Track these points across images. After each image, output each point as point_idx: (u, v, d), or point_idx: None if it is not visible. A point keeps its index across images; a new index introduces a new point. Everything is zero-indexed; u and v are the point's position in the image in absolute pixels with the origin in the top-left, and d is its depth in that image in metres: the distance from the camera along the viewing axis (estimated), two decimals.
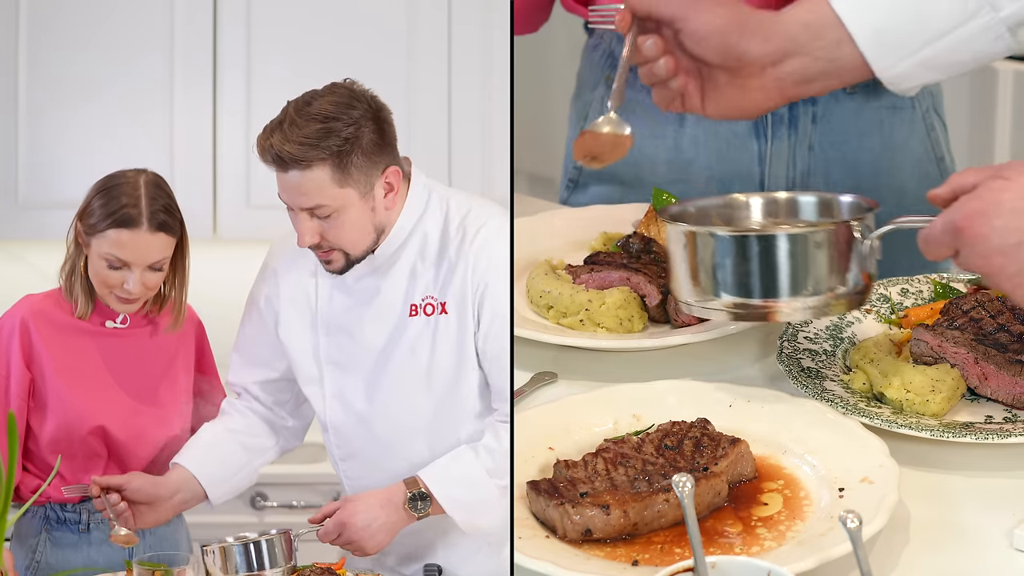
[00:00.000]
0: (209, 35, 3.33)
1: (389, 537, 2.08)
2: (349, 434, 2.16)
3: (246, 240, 3.29)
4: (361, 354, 2.13)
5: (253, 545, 2.00)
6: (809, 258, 1.86)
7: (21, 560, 2.19)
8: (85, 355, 2.21)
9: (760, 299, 1.88)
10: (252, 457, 2.26)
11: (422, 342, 2.10)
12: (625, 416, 1.91)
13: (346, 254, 2.08)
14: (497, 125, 3.36)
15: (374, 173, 2.05)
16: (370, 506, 2.07)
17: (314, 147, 2.01)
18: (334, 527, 2.07)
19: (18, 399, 2.17)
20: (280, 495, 3.26)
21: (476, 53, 3.36)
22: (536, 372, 2.08)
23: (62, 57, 3.28)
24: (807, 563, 1.58)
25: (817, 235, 1.86)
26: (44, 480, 2.15)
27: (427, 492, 2.06)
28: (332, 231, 2.06)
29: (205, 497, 2.20)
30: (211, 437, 2.23)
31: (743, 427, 1.86)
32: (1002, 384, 1.92)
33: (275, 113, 2.06)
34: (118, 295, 2.17)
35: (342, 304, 2.14)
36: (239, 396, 2.27)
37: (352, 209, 2.05)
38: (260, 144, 2.04)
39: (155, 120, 3.31)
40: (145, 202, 2.14)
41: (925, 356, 1.97)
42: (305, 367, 2.18)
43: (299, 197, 2.04)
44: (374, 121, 2.04)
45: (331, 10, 3.33)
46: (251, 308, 2.24)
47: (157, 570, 1.93)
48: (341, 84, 2.07)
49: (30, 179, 3.30)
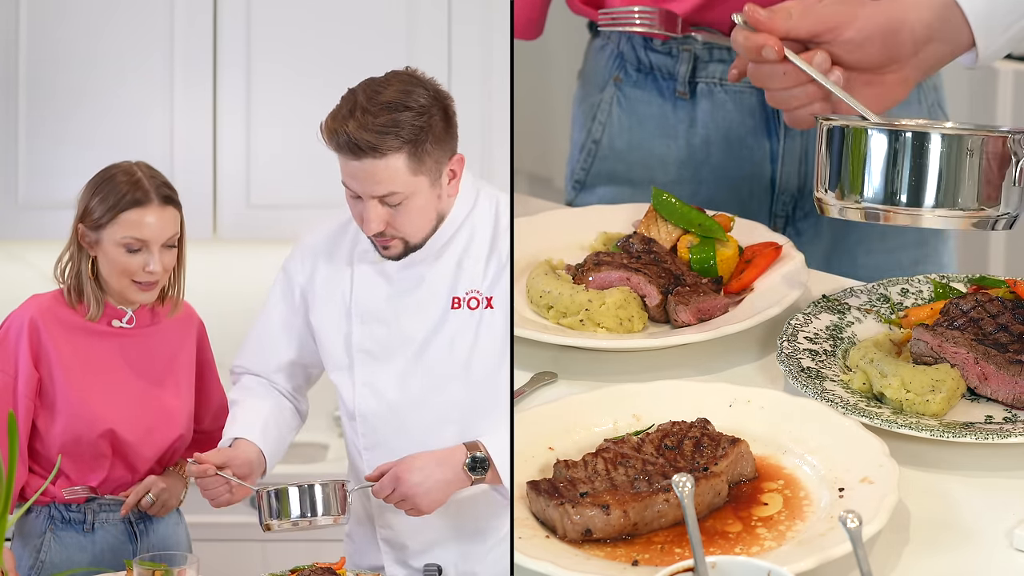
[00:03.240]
0: (209, 35, 3.33)
1: (444, 496, 2.06)
2: (377, 423, 2.15)
3: (246, 240, 3.30)
4: (397, 344, 2.12)
5: (308, 488, 2.00)
6: (960, 165, 1.84)
7: (25, 560, 2.19)
8: (93, 355, 2.21)
9: (905, 206, 1.86)
10: (289, 432, 2.26)
11: (463, 335, 2.10)
12: (625, 416, 1.91)
13: (406, 242, 2.08)
14: (497, 125, 3.36)
15: (443, 160, 2.07)
16: (426, 463, 2.05)
17: (390, 135, 2.00)
18: (389, 481, 2.05)
19: (25, 399, 2.17)
20: None
21: (476, 53, 3.36)
22: (536, 372, 2.08)
23: (62, 57, 3.29)
24: (807, 563, 1.58)
25: (972, 140, 1.84)
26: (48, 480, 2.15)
27: (487, 457, 2.05)
28: (399, 218, 2.06)
29: (264, 472, 2.19)
30: (266, 411, 2.22)
31: (743, 427, 1.86)
32: (1002, 384, 1.92)
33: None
34: (139, 281, 2.17)
35: (382, 292, 2.13)
36: (251, 378, 2.27)
37: (421, 196, 2.05)
38: (330, 128, 2.02)
39: (155, 120, 3.32)
40: (147, 182, 2.17)
41: (925, 356, 1.97)
42: (335, 354, 2.17)
43: (373, 185, 2.03)
44: (441, 108, 2.06)
45: (331, 10, 3.33)
46: (282, 295, 2.22)
47: (157, 570, 1.93)
48: (404, 72, 2.07)
49: (30, 179, 3.30)
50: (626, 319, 2.13)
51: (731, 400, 1.91)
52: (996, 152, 1.84)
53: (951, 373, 1.92)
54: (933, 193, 1.84)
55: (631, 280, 2.17)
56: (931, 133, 1.84)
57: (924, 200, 1.85)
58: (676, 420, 1.85)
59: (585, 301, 2.14)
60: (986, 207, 1.85)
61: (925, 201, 1.85)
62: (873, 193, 1.86)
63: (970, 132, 1.87)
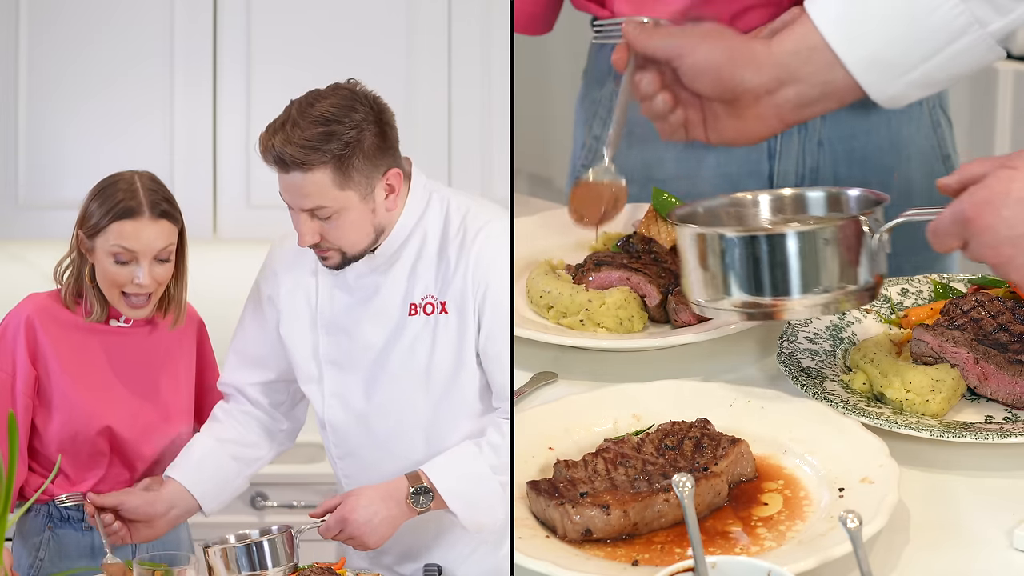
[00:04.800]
0: (209, 35, 3.33)
1: (391, 531, 2.08)
2: (347, 433, 2.16)
3: (246, 240, 3.29)
4: (360, 353, 2.13)
5: (255, 546, 2.00)
6: (819, 255, 1.85)
7: (24, 559, 2.19)
8: (90, 354, 2.21)
9: (771, 298, 1.87)
10: (243, 467, 2.26)
11: (421, 341, 2.10)
12: (625, 416, 1.91)
13: (343, 253, 2.08)
14: (497, 125, 3.36)
15: (375, 175, 2.05)
16: (371, 500, 2.07)
17: (316, 150, 2.01)
18: (335, 523, 2.07)
19: (24, 397, 2.17)
20: (280, 495, 3.27)
21: (476, 53, 3.36)
22: (536, 372, 2.08)
23: (62, 57, 3.29)
24: (807, 563, 1.58)
25: (826, 232, 1.85)
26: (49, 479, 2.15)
27: (429, 487, 2.06)
28: (332, 232, 2.06)
29: (199, 509, 2.21)
30: (204, 450, 2.23)
31: (743, 427, 1.86)
32: (1002, 384, 1.92)
33: (275, 113, 2.06)
34: (129, 295, 2.17)
35: (342, 303, 2.14)
36: (232, 399, 2.27)
37: (352, 211, 2.05)
38: (262, 143, 2.04)
39: (155, 120, 3.32)
40: (143, 193, 2.16)
41: (925, 356, 1.97)
42: (305, 366, 2.18)
43: (300, 198, 2.04)
44: (376, 124, 2.04)
45: (332, 11, 3.33)
46: (252, 308, 2.24)
47: (157, 570, 1.93)
48: (344, 85, 2.06)
49: (30, 179, 3.30)
50: (626, 319, 2.13)
51: (731, 400, 1.91)
52: (852, 233, 1.85)
53: (951, 373, 1.92)
54: (798, 283, 1.86)
55: (631, 280, 2.17)
56: (787, 233, 1.85)
57: (791, 291, 1.86)
58: (676, 420, 1.85)
59: (585, 301, 2.14)
60: (850, 284, 1.86)
61: (792, 292, 1.86)
62: (738, 292, 1.88)
63: (821, 224, 1.88)
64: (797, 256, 1.85)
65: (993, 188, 1.74)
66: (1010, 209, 1.72)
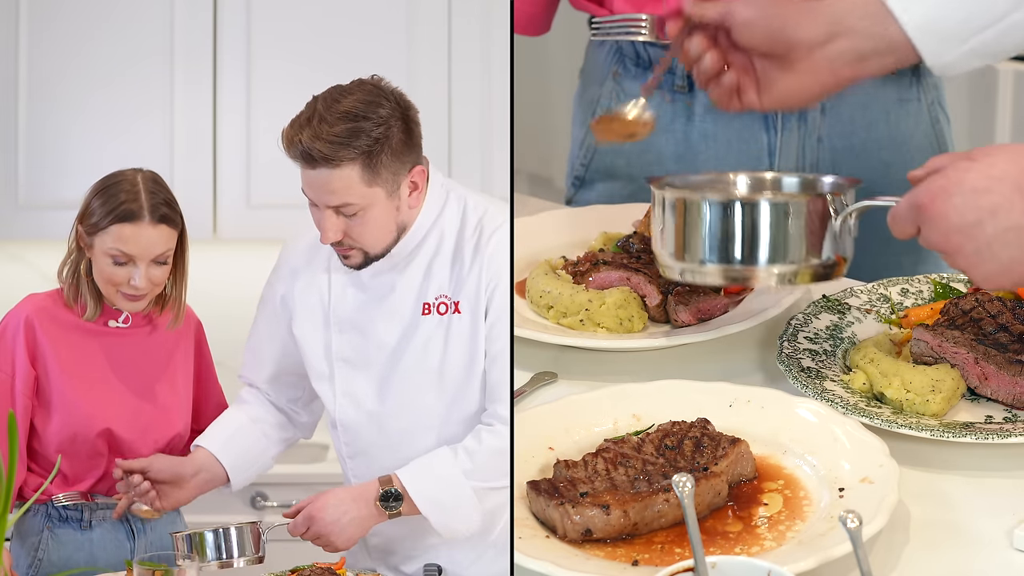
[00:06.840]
0: (209, 35, 3.33)
1: (360, 532, 2.08)
2: (359, 432, 2.16)
3: (246, 240, 3.30)
4: (373, 352, 2.12)
5: (223, 532, 2.02)
6: (786, 227, 1.93)
7: (23, 558, 2.19)
8: (89, 354, 2.21)
9: (741, 264, 1.94)
10: (270, 445, 2.27)
11: (434, 341, 2.09)
12: (625, 416, 1.91)
13: (365, 252, 2.08)
14: (497, 123, 3.35)
15: (401, 172, 2.05)
16: (340, 500, 2.07)
17: (345, 146, 1.99)
18: (303, 520, 2.07)
19: (23, 398, 2.17)
20: (280, 495, 3.26)
21: (476, 52, 3.36)
22: (536, 372, 2.08)
23: (62, 57, 3.29)
24: (807, 563, 1.58)
25: (794, 205, 1.93)
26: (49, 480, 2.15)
27: (400, 491, 2.06)
28: (356, 228, 2.05)
29: (226, 480, 2.22)
30: (235, 424, 2.25)
31: (743, 427, 1.86)
32: (1002, 384, 1.92)
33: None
34: (125, 292, 2.17)
35: (356, 301, 2.13)
36: (256, 388, 2.28)
37: (378, 208, 2.04)
38: (287, 138, 2.02)
39: (155, 120, 3.31)
40: (145, 196, 2.15)
41: (925, 356, 1.97)
42: (317, 364, 2.17)
43: (326, 195, 2.02)
44: (402, 120, 2.03)
45: (331, 8, 3.33)
46: (266, 306, 2.24)
47: (157, 570, 1.93)
48: (368, 81, 2.05)
49: (30, 179, 3.30)
50: (626, 319, 2.13)
51: (731, 400, 1.91)
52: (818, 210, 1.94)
53: (951, 373, 1.92)
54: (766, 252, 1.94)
55: (631, 280, 2.17)
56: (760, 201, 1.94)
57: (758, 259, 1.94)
58: (676, 420, 1.85)
59: (585, 301, 2.13)
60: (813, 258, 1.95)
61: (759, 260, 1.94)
62: (709, 255, 1.96)
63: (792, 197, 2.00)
64: (767, 225, 1.93)
65: (949, 177, 1.76)
66: (961, 197, 1.74)
